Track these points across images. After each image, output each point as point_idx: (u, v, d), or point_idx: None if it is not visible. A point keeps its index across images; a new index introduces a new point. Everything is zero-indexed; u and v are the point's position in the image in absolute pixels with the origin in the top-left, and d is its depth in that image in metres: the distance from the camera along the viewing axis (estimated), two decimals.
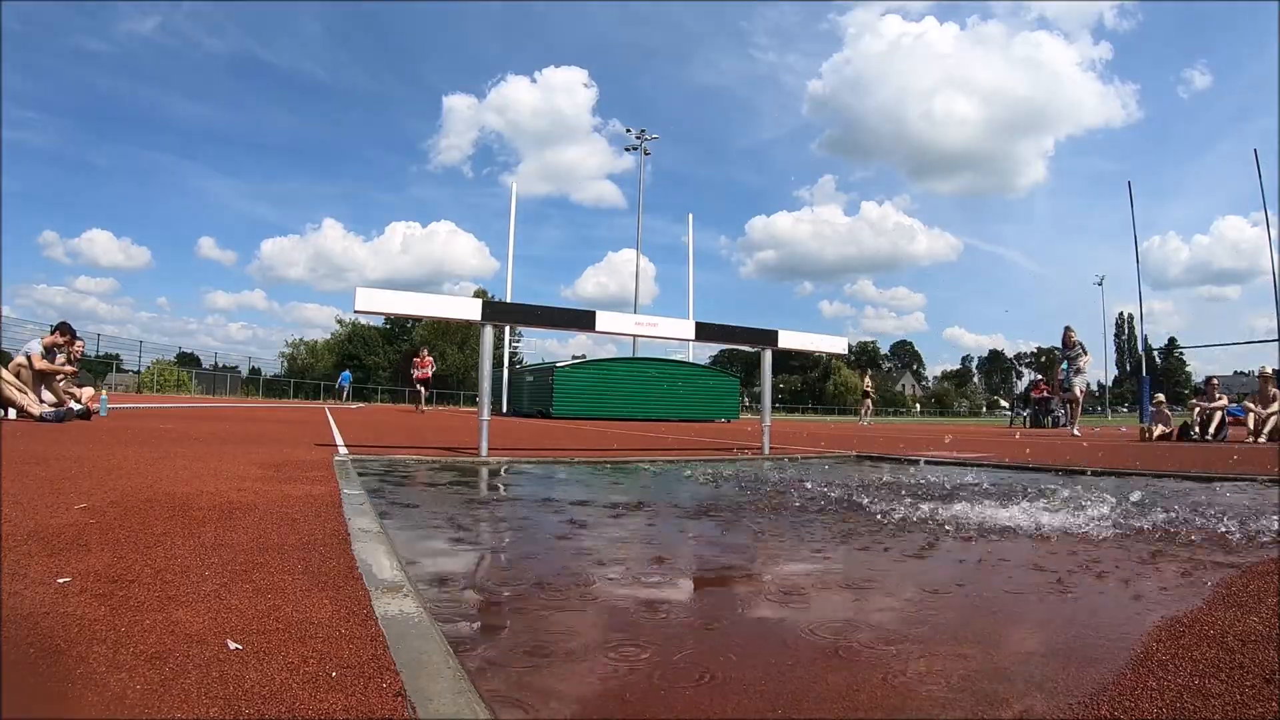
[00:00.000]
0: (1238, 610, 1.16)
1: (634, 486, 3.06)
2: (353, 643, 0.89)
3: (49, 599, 1.02)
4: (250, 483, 2.39)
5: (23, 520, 1.55)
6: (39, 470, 2.43)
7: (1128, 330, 72.19)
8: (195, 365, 36.32)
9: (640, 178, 27.54)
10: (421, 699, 0.74)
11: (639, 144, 27.69)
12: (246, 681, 0.77)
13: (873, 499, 2.44)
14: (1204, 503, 2.52)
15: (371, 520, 1.73)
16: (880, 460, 4.71)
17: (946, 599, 1.28)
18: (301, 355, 48.60)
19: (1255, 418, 8.91)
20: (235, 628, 0.93)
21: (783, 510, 2.28)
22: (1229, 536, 1.86)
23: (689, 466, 3.99)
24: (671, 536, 1.88)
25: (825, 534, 1.88)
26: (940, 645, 1.00)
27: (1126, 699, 0.80)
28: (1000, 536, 1.86)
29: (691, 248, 26.50)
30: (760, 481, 3.14)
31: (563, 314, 4.74)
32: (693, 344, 18.55)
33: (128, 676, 0.77)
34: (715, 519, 2.14)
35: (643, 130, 27.69)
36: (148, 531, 1.50)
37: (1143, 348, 21.84)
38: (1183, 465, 4.44)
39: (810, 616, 1.15)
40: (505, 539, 1.85)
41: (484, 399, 4.35)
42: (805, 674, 0.89)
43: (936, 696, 0.82)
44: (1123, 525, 1.99)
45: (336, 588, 1.14)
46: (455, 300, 4.65)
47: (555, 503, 2.42)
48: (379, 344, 48.36)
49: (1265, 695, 0.81)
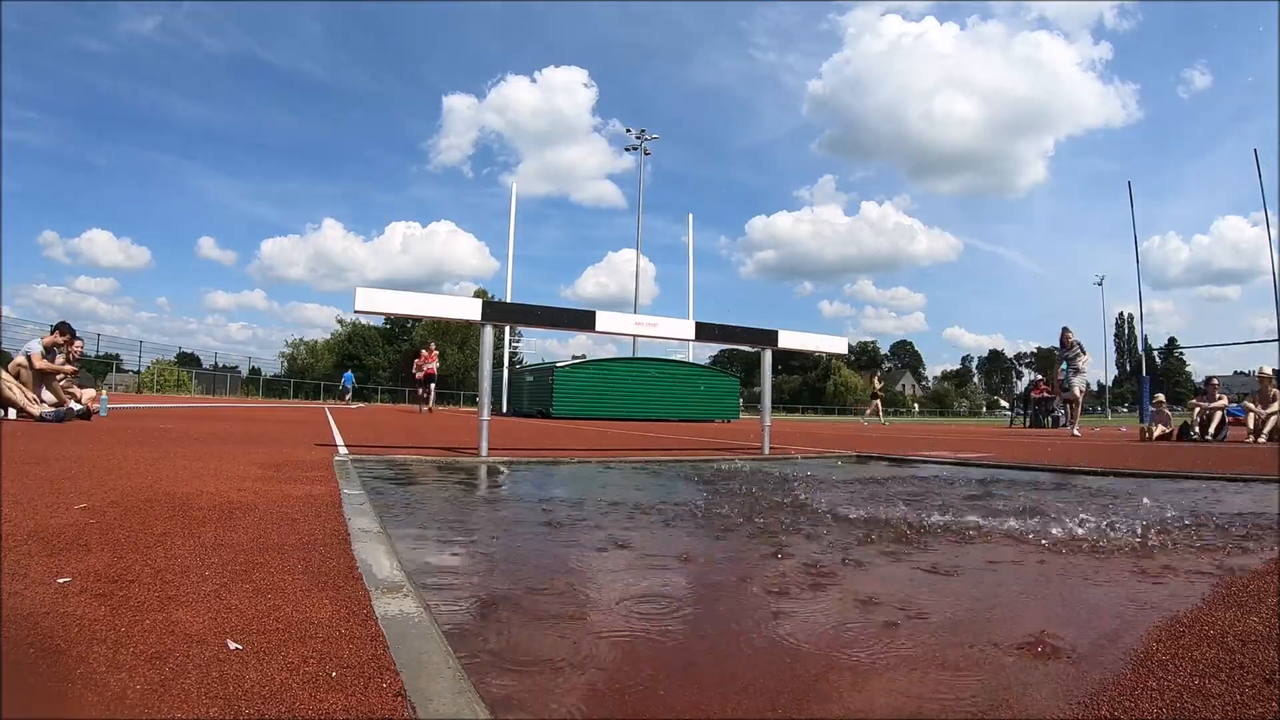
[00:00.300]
0: (1238, 610, 1.16)
1: (634, 486, 3.06)
2: (353, 643, 0.89)
3: (49, 599, 1.02)
4: (250, 483, 2.39)
5: (23, 520, 1.55)
6: (39, 470, 2.43)
7: (1128, 330, 72.24)
8: (195, 365, 36.35)
9: (640, 178, 27.56)
10: (421, 699, 0.74)
11: (639, 144, 27.70)
12: (246, 681, 0.77)
13: (865, 496, 2.44)
14: (1205, 502, 2.52)
15: (371, 520, 1.74)
16: (880, 460, 4.71)
17: (948, 584, 1.28)
18: (301, 355, 48.59)
19: (1255, 418, 8.91)
20: (235, 628, 0.93)
21: (783, 509, 2.28)
22: (1231, 536, 1.86)
23: (689, 466, 3.99)
24: (672, 535, 1.88)
25: (830, 534, 1.88)
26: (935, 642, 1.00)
27: (1126, 699, 0.80)
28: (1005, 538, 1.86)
29: (691, 248, 26.52)
30: (760, 481, 3.14)
31: (563, 314, 4.74)
32: (693, 344, 18.55)
33: (128, 676, 0.77)
34: (715, 519, 2.14)
35: (643, 130, 27.71)
36: (148, 531, 1.50)
37: (1143, 348, 21.86)
38: (1181, 465, 4.44)
39: (808, 607, 1.16)
40: (506, 539, 1.85)
41: (484, 399, 4.35)
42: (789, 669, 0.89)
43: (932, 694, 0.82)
44: (1122, 526, 1.99)
45: (336, 588, 1.14)
46: (455, 300, 4.64)
47: (556, 503, 2.42)
48: (379, 344, 48.36)
49: (1265, 695, 0.81)
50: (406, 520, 1.98)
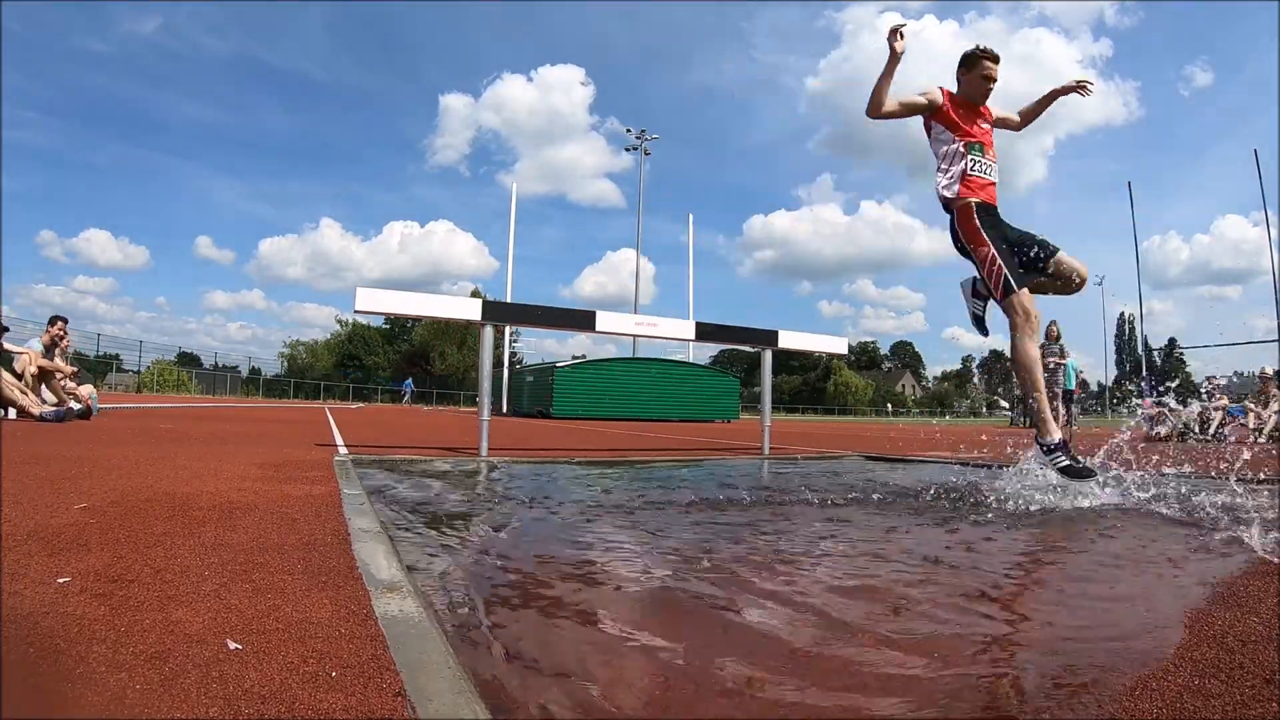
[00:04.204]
0: (1238, 610, 1.16)
1: (635, 486, 3.06)
2: (353, 643, 0.89)
3: (49, 599, 1.02)
4: (250, 483, 2.39)
5: (23, 520, 1.55)
6: (39, 470, 2.43)
7: (1128, 330, 72.24)
8: (195, 365, 36.35)
9: (640, 177, 27.57)
10: (421, 699, 0.74)
11: (639, 144, 27.72)
12: (246, 681, 0.77)
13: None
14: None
15: (371, 520, 1.74)
16: (880, 459, 4.71)
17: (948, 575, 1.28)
18: (301, 355, 48.57)
19: (1255, 418, 8.91)
20: (235, 628, 0.93)
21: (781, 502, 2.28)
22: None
23: (689, 466, 3.99)
24: (671, 535, 1.88)
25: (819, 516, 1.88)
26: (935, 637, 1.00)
27: (1126, 699, 0.80)
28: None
29: (691, 248, 26.54)
30: (760, 478, 3.14)
31: (563, 314, 4.74)
32: (693, 344, 18.56)
33: (128, 676, 0.77)
34: (714, 518, 2.14)
35: (643, 130, 27.73)
36: (148, 531, 1.50)
37: (1143, 348, 21.86)
38: (1180, 466, 4.43)
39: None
40: (506, 539, 1.85)
41: (484, 399, 4.35)
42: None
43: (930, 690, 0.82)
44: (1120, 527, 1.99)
45: (336, 588, 1.14)
46: (455, 300, 4.64)
47: (556, 503, 2.42)
48: (379, 344, 48.34)
49: (1265, 695, 0.81)
50: (407, 520, 1.98)
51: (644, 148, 27.71)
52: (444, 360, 44.32)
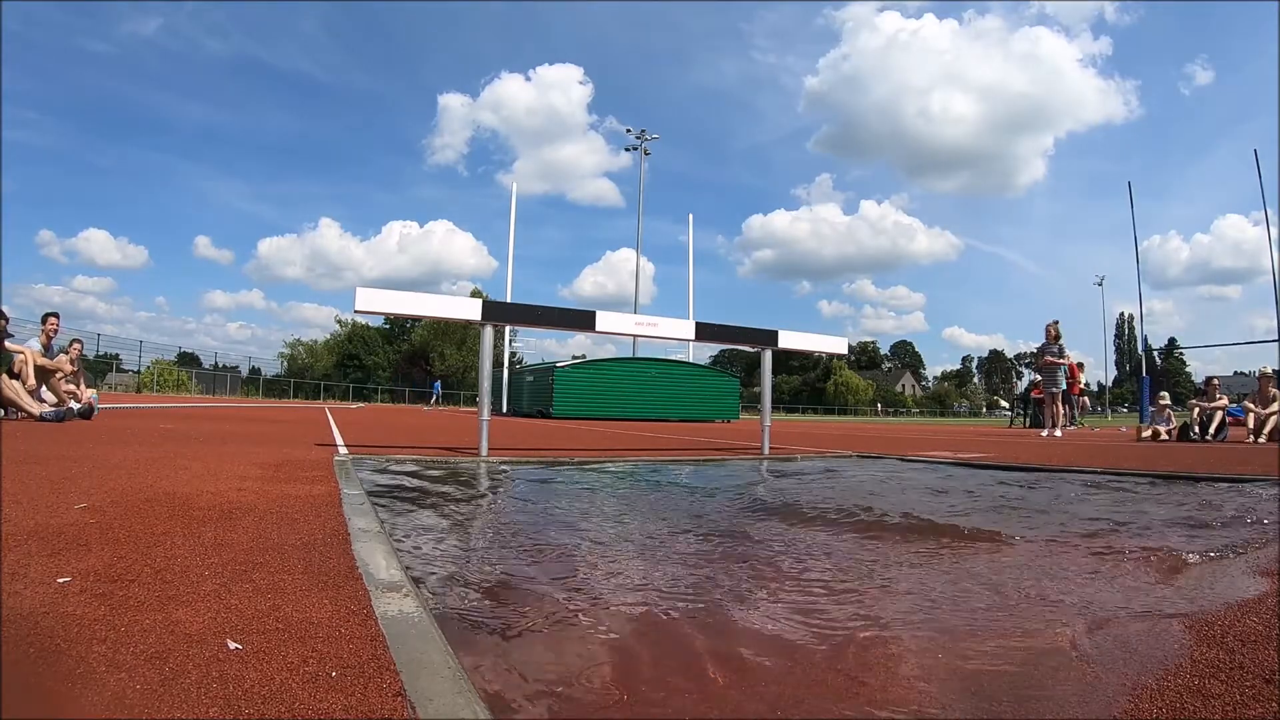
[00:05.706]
0: (1238, 610, 1.16)
1: (635, 486, 3.06)
2: (353, 643, 0.89)
3: (49, 599, 1.02)
4: (250, 483, 2.38)
5: (23, 520, 1.55)
6: (39, 470, 2.43)
7: (1128, 330, 72.24)
8: (195, 365, 36.32)
9: (640, 177, 27.56)
10: (421, 699, 0.74)
11: (639, 144, 27.70)
12: (246, 681, 0.77)
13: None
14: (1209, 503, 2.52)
15: (371, 520, 1.73)
16: (877, 459, 4.71)
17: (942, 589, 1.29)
18: (301, 355, 48.54)
19: (1255, 418, 8.91)
20: (235, 627, 0.93)
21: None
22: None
23: (689, 466, 3.99)
24: (671, 534, 1.88)
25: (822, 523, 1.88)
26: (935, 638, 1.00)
27: (1127, 699, 0.80)
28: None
29: (691, 247, 26.54)
30: (761, 478, 3.14)
31: (563, 314, 4.74)
32: (693, 344, 18.56)
33: (128, 676, 0.77)
34: (714, 517, 2.14)
35: (643, 130, 27.72)
36: (148, 531, 1.50)
37: (1143, 348, 21.74)
38: (1180, 466, 4.44)
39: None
40: (506, 539, 1.85)
41: (484, 399, 4.35)
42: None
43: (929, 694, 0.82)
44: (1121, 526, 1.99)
45: (336, 587, 1.14)
46: (455, 300, 4.64)
47: (556, 503, 2.42)
48: (379, 344, 48.31)
49: (1265, 695, 0.81)
50: (407, 520, 1.98)
51: (644, 147, 27.70)
52: (444, 360, 44.28)
